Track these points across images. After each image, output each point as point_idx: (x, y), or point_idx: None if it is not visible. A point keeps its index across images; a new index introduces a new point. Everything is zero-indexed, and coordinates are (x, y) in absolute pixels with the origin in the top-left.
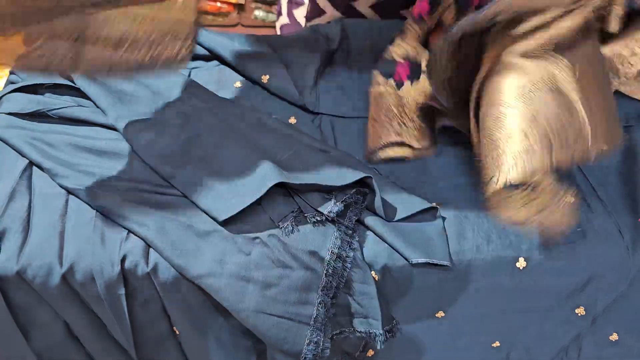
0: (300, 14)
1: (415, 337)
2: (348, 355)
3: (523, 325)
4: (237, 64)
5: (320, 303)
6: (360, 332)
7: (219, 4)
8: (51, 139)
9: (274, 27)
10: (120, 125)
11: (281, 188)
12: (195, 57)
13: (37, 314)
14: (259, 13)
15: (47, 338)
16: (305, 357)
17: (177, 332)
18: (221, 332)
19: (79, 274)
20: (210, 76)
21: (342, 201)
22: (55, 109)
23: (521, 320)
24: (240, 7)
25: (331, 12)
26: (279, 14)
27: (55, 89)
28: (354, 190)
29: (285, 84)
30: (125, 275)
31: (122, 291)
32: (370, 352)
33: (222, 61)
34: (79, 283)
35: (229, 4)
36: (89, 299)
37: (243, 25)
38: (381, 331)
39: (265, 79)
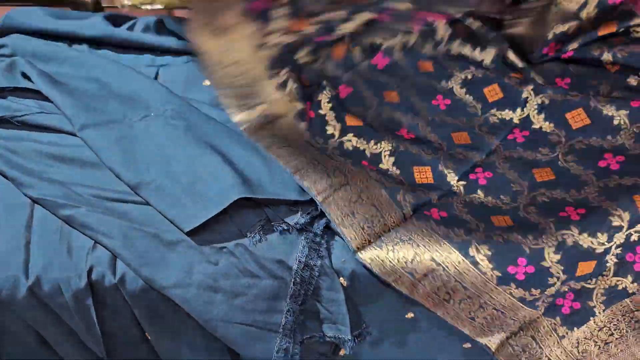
0: None
1: (386, 339)
2: (320, 355)
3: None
4: None
5: (288, 311)
6: (329, 337)
7: None
8: (15, 146)
9: None
10: (85, 134)
11: (248, 198)
12: (164, 51)
13: (7, 323)
14: None
15: (19, 347)
16: None
17: (149, 337)
18: (193, 337)
19: (46, 286)
20: (179, 74)
21: (308, 213)
22: (18, 116)
23: None
24: None
25: None
26: None
27: (18, 92)
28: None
29: None
30: (93, 286)
31: (90, 301)
32: (342, 352)
33: (192, 53)
34: (46, 294)
35: None
36: (58, 309)
37: None
38: (349, 337)
39: None
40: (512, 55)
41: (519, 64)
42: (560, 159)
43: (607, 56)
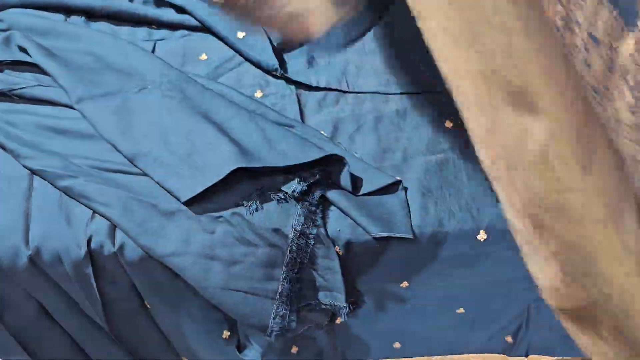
0: None
1: (381, 306)
2: (316, 325)
3: (486, 294)
4: (208, 22)
5: (284, 278)
6: (325, 304)
7: None
8: (13, 119)
9: None
10: (82, 107)
11: (245, 168)
12: (161, 24)
13: (8, 295)
14: None
15: (20, 318)
16: (272, 330)
17: (149, 307)
18: (192, 306)
19: (46, 255)
20: (176, 49)
21: (305, 180)
22: (15, 89)
23: (484, 289)
24: None
25: None
26: None
27: (15, 65)
28: (317, 169)
29: (262, 43)
30: (92, 255)
31: (90, 270)
32: (338, 320)
33: (189, 27)
34: (47, 264)
35: None
36: (58, 279)
37: None
38: (345, 304)
39: (241, 35)
40: None
41: None
42: None
43: None
